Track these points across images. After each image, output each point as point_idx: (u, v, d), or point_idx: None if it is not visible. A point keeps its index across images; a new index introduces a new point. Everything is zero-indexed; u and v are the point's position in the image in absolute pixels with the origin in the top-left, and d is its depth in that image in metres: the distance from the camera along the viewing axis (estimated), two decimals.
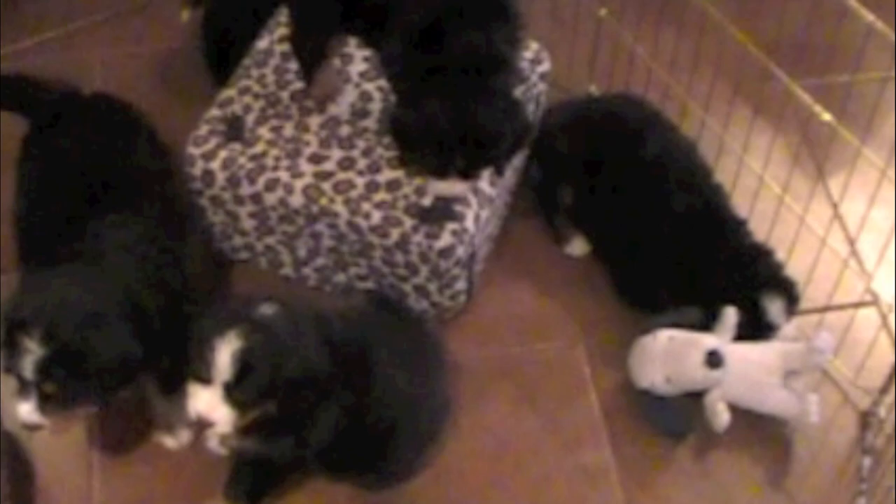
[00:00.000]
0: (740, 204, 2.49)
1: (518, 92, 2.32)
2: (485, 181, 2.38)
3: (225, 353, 1.94)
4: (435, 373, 2.29)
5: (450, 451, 2.32)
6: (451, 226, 2.31)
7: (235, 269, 2.57)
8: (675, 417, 2.34)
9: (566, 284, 2.57)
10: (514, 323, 2.52)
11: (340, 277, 2.47)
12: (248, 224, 2.45)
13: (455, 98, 2.10)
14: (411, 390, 2.18)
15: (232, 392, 1.96)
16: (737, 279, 2.38)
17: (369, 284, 2.45)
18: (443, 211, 2.33)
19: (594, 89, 2.84)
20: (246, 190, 2.39)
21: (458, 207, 2.33)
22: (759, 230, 2.46)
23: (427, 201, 2.34)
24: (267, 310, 2.00)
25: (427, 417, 2.26)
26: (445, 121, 2.09)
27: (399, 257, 2.35)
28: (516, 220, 2.64)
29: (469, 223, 2.33)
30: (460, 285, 2.41)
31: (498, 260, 2.58)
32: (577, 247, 2.59)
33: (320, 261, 2.46)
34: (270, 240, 2.47)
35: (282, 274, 2.54)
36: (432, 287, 2.39)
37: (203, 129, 2.45)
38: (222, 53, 2.78)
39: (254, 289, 2.49)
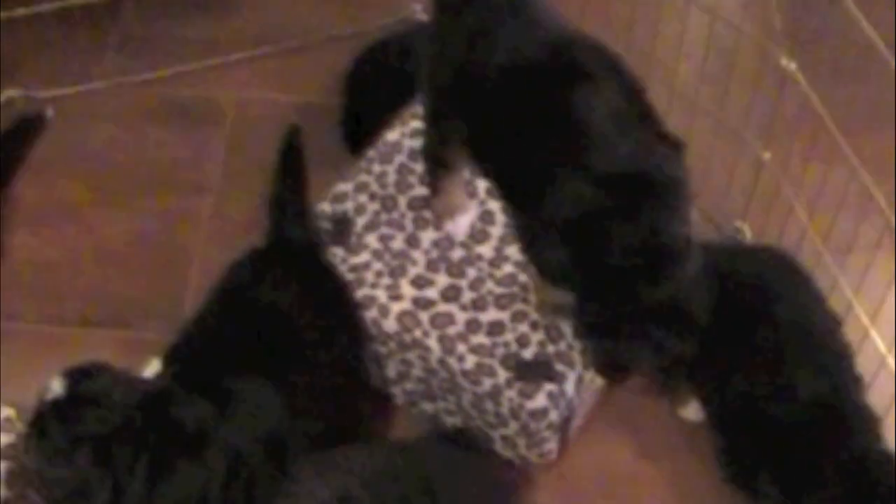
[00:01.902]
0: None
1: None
2: None
3: None
4: None
5: None
6: (548, 387, 2.12)
7: None
8: None
9: (671, 449, 2.35)
10: (606, 483, 2.32)
11: (428, 406, 2.31)
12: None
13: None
14: None
15: None
16: (852, 488, 2.13)
17: (457, 421, 2.28)
18: (542, 369, 2.14)
19: (746, 228, 2.59)
20: None
21: (559, 367, 2.14)
22: None
23: (528, 354, 2.15)
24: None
25: None
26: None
27: (489, 406, 2.17)
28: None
29: (569, 386, 2.14)
30: (550, 445, 2.22)
31: (601, 409, 2.38)
32: (693, 411, 2.36)
33: (409, 385, 2.30)
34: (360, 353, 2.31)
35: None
36: (520, 442, 2.21)
37: None
38: (360, 124, 2.62)
39: None
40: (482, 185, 2.35)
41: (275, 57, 2.94)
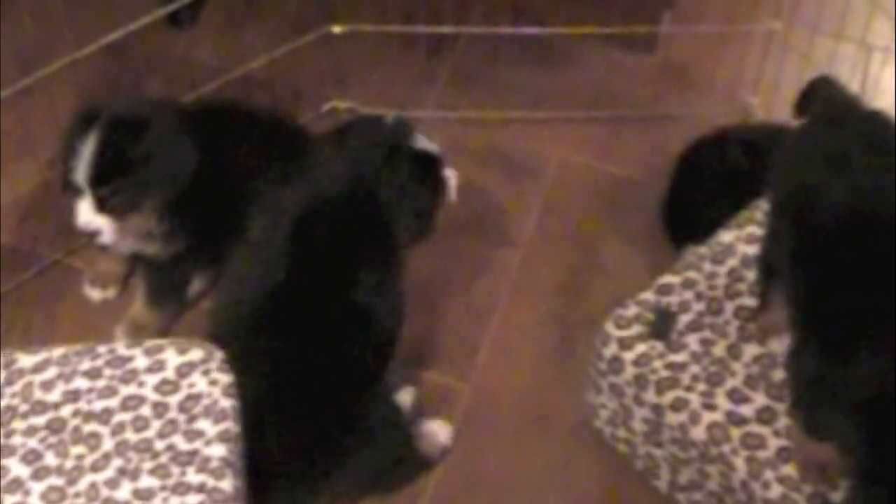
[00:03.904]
0: None
1: None
2: None
3: (87, 151, 2.14)
4: None
5: None
6: None
7: None
8: None
9: None
10: None
11: None
12: (638, 426, 2.24)
13: None
14: None
15: (99, 192, 2.16)
16: None
17: None
18: None
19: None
20: (650, 397, 2.18)
21: None
22: None
23: (837, 497, 2.05)
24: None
25: None
26: None
27: None
28: None
29: None
30: None
31: None
32: None
33: (698, 496, 2.22)
34: (656, 451, 2.25)
35: (652, 484, 2.31)
36: None
37: (630, 310, 2.25)
38: (684, 212, 2.56)
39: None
40: None
41: (602, 122, 2.91)
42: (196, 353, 1.97)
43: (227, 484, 1.84)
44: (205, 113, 2.45)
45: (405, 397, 2.35)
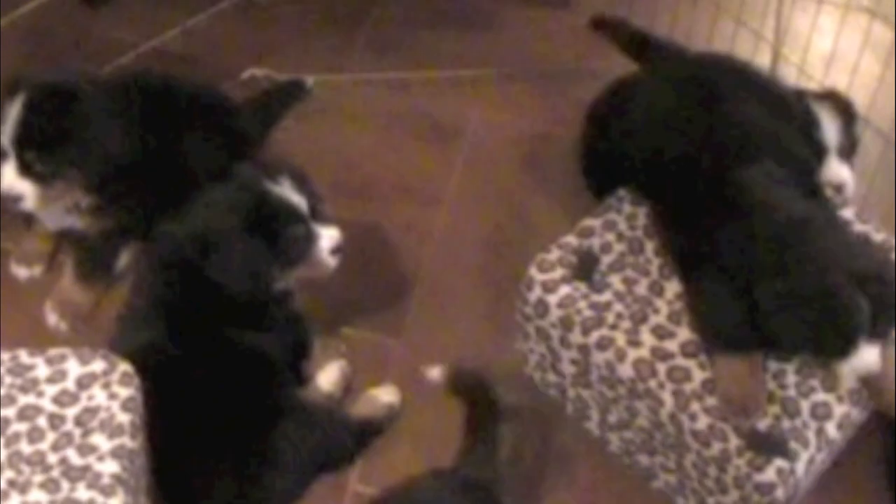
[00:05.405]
0: None
1: None
2: (832, 424, 2.09)
3: (14, 113, 2.14)
4: None
5: None
6: (779, 462, 2.05)
7: None
8: None
9: None
10: None
11: (644, 459, 2.25)
12: (567, 369, 2.26)
13: None
14: None
15: (24, 155, 2.15)
16: None
17: (672, 479, 2.22)
18: (776, 443, 2.07)
19: None
20: (576, 338, 2.20)
21: (793, 444, 2.06)
22: None
23: (762, 426, 2.08)
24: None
25: None
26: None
27: (712, 471, 2.10)
28: (853, 458, 2.31)
29: (800, 466, 2.06)
30: None
31: (817, 496, 2.28)
32: None
33: (628, 434, 2.24)
34: (585, 392, 2.27)
35: (584, 426, 2.33)
36: None
37: (553, 255, 2.27)
38: (600, 164, 2.58)
39: None
40: None
41: (521, 81, 2.93)
42: (98, 365, 1.95)
43: (116, 502, 1.80)
44: (130, 86, 2.43)
45: (332, 374, 2.34)
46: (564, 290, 2.23)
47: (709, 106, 2.28)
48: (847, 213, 2.32)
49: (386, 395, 2.34)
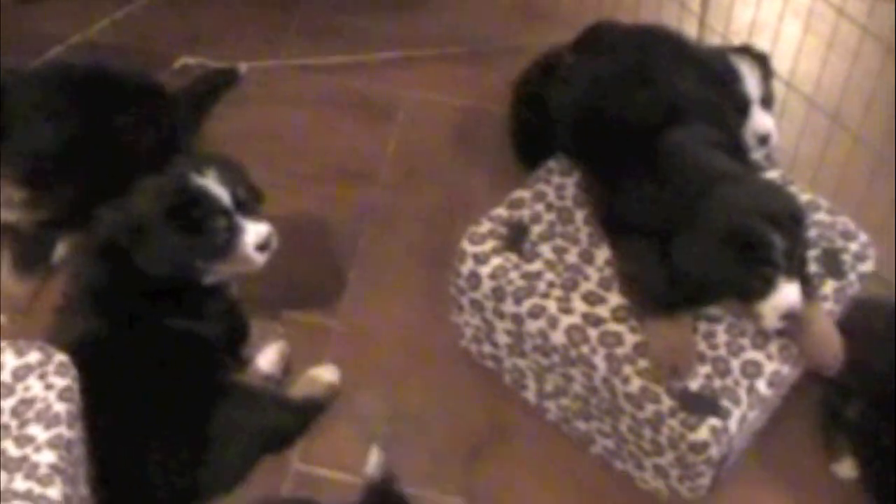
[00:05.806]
0: None
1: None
2: (763, 381, 2.13)
3: None
4: None
5: None
6: (712, 421, 2.08)
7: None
8: None
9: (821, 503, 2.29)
10: None
11: (581, 425, 2.27)
12: (501, 339, 2.28)
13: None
14: None
15: None
16: None
17: (609, 443, 2.24)
18: (708, 403, 2.10)
19: None
20: (509, 308, 2.22)
21: (725, 403, 2.09)
22: None
23: (695, 386, 2.11)
24: None
25: None
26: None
27: (647, 432, 2.13)
28: (789, 417, 2.35)
29: (732, 424, 2.09)
30: (703, 481, 2.17)
31: (755, 454, 2.31)
32: (845, 469, 2.30)
33: (565, 401, 2.27)
34: (521, 362, 2.29)
35: (522, 396, 2.35)
36: (673, 473, 2.17)
37: (484, 227, 2.29)
38: (530, 137, 2.60)
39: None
40: None
41: (452, 59, 2.95)
42: (34, 356, 1.95)
43: (54, 491, 1.80)
44: (55, 77, 2.43)
45: (271, 356, 2.36)
46: (496, 261, 2.25)
47: (640, 73, 2.29)
48: (773, 175, 2.35)
49: (326, 374, 2.35)
